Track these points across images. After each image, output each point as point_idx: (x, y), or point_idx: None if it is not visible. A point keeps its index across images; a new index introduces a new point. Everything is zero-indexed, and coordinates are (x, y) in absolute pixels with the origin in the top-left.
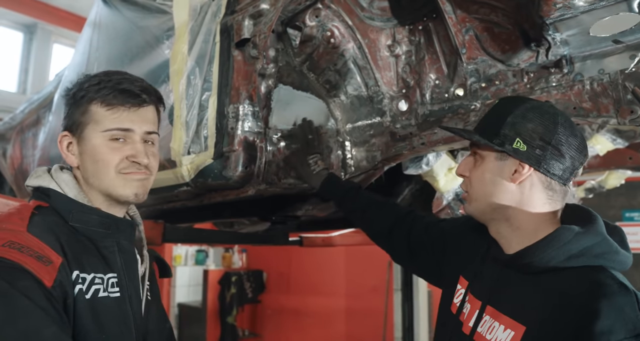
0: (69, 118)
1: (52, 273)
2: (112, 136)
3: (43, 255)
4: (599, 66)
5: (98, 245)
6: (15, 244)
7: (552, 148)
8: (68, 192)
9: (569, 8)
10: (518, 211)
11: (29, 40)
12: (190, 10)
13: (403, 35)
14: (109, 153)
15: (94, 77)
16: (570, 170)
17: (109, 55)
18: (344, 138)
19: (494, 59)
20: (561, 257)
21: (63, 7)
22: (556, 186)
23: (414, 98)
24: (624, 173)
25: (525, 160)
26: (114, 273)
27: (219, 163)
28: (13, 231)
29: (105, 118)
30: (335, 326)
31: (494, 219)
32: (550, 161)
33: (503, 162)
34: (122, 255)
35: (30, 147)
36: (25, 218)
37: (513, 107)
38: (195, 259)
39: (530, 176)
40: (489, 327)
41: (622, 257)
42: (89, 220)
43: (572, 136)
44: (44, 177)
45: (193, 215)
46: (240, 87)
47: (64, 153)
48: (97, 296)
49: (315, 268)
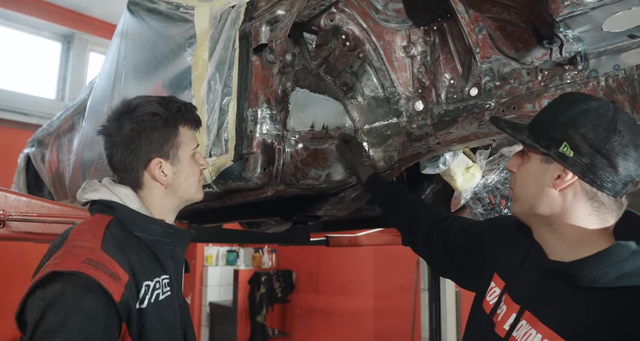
0: (159, 144)
1: (120, 290)
2: (194, 153)
3: (114, 273)
4: (615, 62)
5: (155, 251)
6: (93, 261)
7: (601, 157)
8: (130, 205)
9: (578, 5)
10: (560, 219)
11: (67, 50)
12: (210, 18)
13: (418, 36)
14: (196, 167)
15: (171, 103)
16: (624, 182)
17: (136, 64)
18: (361, 139)
19: (507, 57)
20: (612, 275)
21: (98, 16)
22: (604, 198)
23: (430, 99)
24: None
25: (570, 167)
26: (166, 275)
27: (239, 165)
28: (90, 249)
29: (190, 140)
30: (363, 326)
31: (536, 222)
32: (599, 171)
33: (547, 165)
34: (174, 260)
35: (66, 152)
36: (99, 236)
37: (569, 106)
38: (226, 259)
39: (574, 184)
40: (525, 333)
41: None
42: (152, 230)
43: (630, 146)
44: (103, 191)
45: (218, 216)
46: (259, 91)
47: (157, 177)
48: (159, 299)
49: (344, 268)
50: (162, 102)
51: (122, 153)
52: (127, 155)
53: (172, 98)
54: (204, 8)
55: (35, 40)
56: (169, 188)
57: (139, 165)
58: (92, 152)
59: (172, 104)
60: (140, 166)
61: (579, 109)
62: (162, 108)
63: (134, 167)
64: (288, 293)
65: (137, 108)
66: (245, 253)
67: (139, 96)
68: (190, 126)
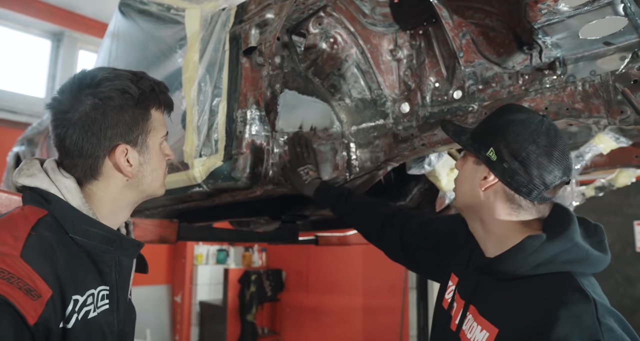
0: (127, 127)
1: (37, 309)
2: (162, 141)
3: (33, 288)
4: (591, 68)
5: (95, 258)
6: (4, 273)
7: (518, 163)
8: (70, 200)
9: (555, 13)
10: (486, 215)
11: (57, 48)
12: (201, 20)
13: (404, 39)
14: (163, 158)
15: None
16: (537, 186)
17: (127, 64)
18: (348, 140)
19: (490, 62)
20: (528, 265)
21: (88, 15)
22: (521, 201)
23: (415, 101)
24: (634, 171)
25: (493, 169)
26: (106, 286)
27: (229, 165)
28: (5, 255)
29: (161, 125)
30: (352, 325)
31: (471, 218)
32: (515, 176)
33: (478, 167)
34: (119, 269)
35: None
36: (21, 239)
37: (503, 116)
38: (216, 258)
39: (495, 186)
40: (470, 326)
41: (593, 260)
42: (93, 234)
43: (544, 156)
44: (40, 178)
45: (207, 215)
46: (248, 93)
47: (122, 167)
48: (88, 317)
49: (333, 267)
50: (134, 78)
51: (80, 135)
52: (85, 138)
53: (143, 74)
54: (195, 10)
55: (25, 37)
56: (131, 180)
57: (100, 151)
58: None
59: (144, 82)
60: (102, 152)
61: (509, 119)
62: (134, 85)
63: (93, 152)
64: (278, 292)
65: (103, 82)
66: (235, 252)
67: (102, 68)
68: (163, 110)
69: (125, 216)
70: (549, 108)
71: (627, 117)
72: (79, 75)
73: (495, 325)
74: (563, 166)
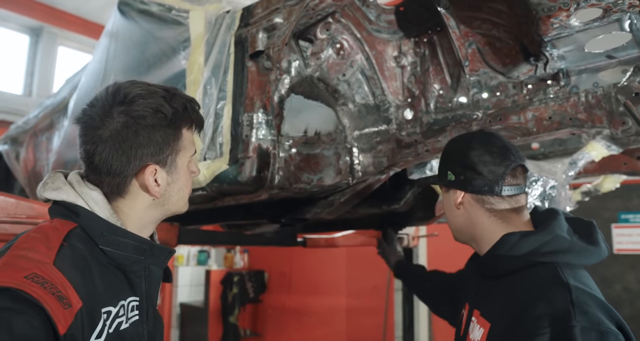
0: (158, 147)
1: (68, 319)
2: (190, 159)
3: (64, 296)
4: (594, 80)
5: (126, 269)
6: (39, 278)
7: (469, 170)
8: (99, 212)
9: (566, 28)
10: (473, 229)
11: (35, 43)
12: (205, 22)
13: (409, 47)
14: (190, 177)
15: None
16: (494, 181)
17: (126, 64)
18: (351, 144)
19: (495, 71)
20: (514, 261)
21: (69, 10)
22: (490, 199)
23: (419, 108)
24: (619, 177)
25: (456, 186)
26: (136, 296)
27: (234, 169)
28: (39, 262)
29: (190, 144)
30: (336, 326)
31: (467, 241)
32: (473, 181)
33: (449, 194)
34: (149, 279)
35: (44, 151)
36: (54, 248)
37: (447, 147)
38: (197, 259)
39: (465, 198)
40: (472, 328)
41: (579, 250)
42: (123, 244)
43: (485, 154)
44: (67, 191)
45: (204, 218)
46: (255, 97)
47: (150, 187)
48: (120, 329)
49: (316, 268)
50: (167, 95)
51: (110, 153)
52: (116, 156)
53: (176, 91)
54: (198, 12)
55: (2, 32)
56: (157, 199)
57: (129, 170)
58: (75, 151)
59: (177, 100)
60: (131, 172)
61: (448, 145)
62: (167, 104)
63: (121, 171)
64: (260, 294)
65: (136, 100)
66: (216, 254)
67: (135, 82)
68: (194, 128)
69: (150, 231)
70: (552, 118)
71: (629, 127)
72: (112, 89)
73: (488, 320)
74: (506, 155)
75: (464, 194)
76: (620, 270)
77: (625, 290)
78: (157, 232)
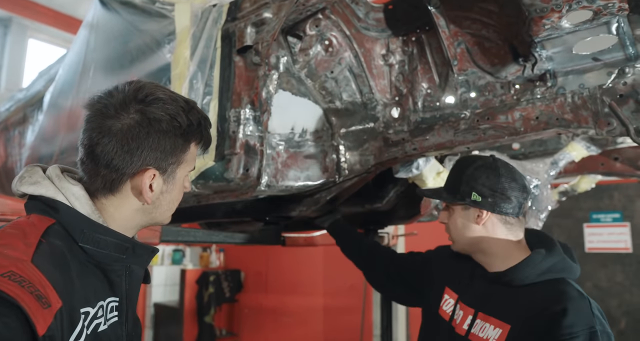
0: (163, 154)
1: (47, 319)
2: (187, 174)
3: (43, 295)
4: (580, 81)
5: (106, 268)
6: (16, 276)
7: (499, 194)
8: (79, 208)
9: (557, 29)
10: (487, 243)
11: (4, 35)
12: (191, 15)
13: (397, 45)
14: (182, 192)
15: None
16: (518, 206)
17: (108, 57)
18: (338, 142)
19: (483, 71)
20: (534, 274)
21: (40, 1)
22: (511, 220)
23: (407, 106)
24: (594, 177)
25: (482, 207)
26: (116, 297)
27: (221, 166)
28: (16, 259)
29: (193, 159)
30: (313, 325)
31: (473, 252)
32: (501, 204)
33: (468, 211)
34: (129, 279)
35: (17, 146)
36: (32, 245)
37: (466, 167)
38: (172, 258)
39: (490, 217)
40: (481, 328)
41: (574, 269)
42: (104, 242)
43: (512, 181)
44: (46, 185)
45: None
46: (242, 92)
47: (144, 191)
48: (98, 331)
49: (293, 268)
50: (186, 107)
51: (114, 148)
52: (120, 152)
53: (194, 105)
54: (184, 5)
55: None
56: (147, 205)
57: (129, 169)
58: (52, 146)
59: (194, 113)
60: (129, 171)
61: (473, 167)
62: (184, 115)
63: (120, 168)
64: (236, 293)
65: (155, 101)
66: (191, 253)
67: (159, 86)
68: (201, 145)
69: (131, 235)
70: (539, 118)
71: (614, 128)
72: (136, 85)
73: (507, 322)
74: (525, 184)
75: (489, 214)
76: (592, 268)
77: (595, 287)
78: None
